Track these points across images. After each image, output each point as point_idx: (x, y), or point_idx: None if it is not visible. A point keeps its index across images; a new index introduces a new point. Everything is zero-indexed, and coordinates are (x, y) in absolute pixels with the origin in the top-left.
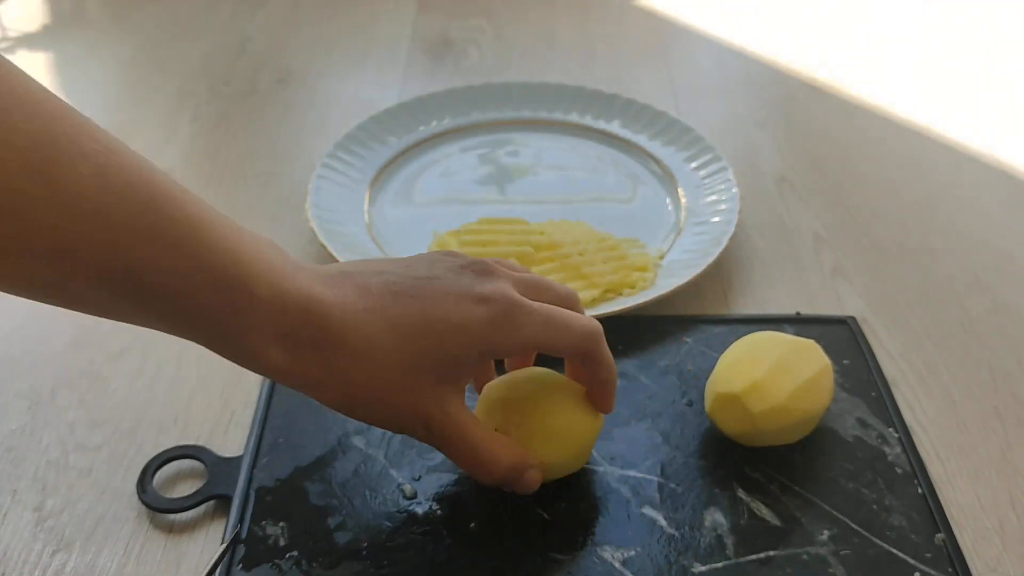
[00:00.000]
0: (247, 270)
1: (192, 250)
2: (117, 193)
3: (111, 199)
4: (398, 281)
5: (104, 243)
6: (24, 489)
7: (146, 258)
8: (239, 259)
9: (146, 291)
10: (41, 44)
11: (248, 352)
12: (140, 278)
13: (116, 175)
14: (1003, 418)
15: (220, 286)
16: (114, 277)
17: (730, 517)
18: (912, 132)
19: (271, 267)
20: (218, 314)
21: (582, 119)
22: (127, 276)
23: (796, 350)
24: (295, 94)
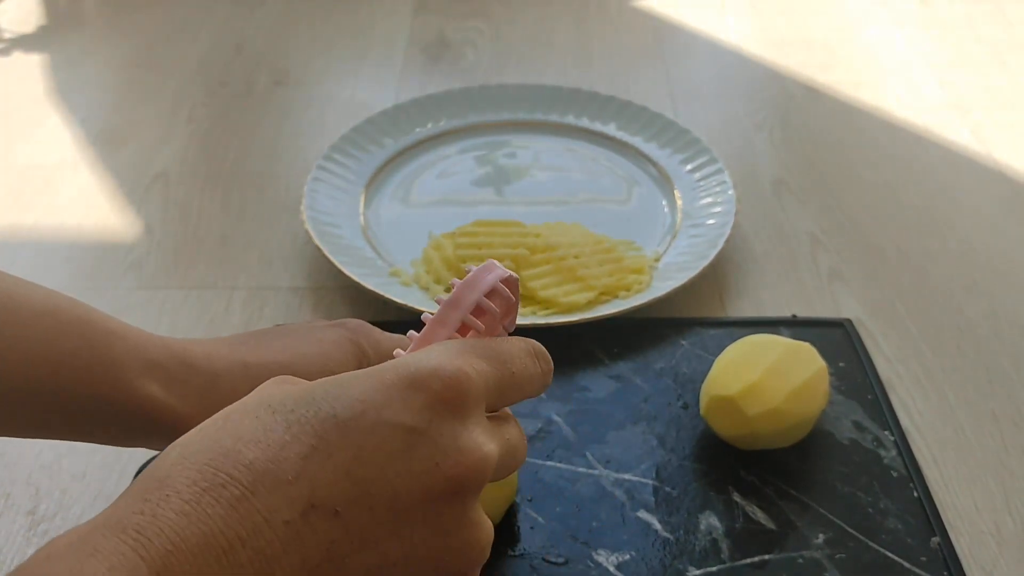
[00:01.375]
0: (94, 313)
1: (36, 310)
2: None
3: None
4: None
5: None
6: (17, 493)
7: None
8: (86, 310)
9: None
10: (37, 46)
11: (125, 392)
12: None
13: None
14: (999, 421)
15: (71, 330)
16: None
17: (725, 521)
18: (909, 135)
19: (118, 321)
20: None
21: (579, 121)
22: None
23: (792, 353)
24: (291, 95)
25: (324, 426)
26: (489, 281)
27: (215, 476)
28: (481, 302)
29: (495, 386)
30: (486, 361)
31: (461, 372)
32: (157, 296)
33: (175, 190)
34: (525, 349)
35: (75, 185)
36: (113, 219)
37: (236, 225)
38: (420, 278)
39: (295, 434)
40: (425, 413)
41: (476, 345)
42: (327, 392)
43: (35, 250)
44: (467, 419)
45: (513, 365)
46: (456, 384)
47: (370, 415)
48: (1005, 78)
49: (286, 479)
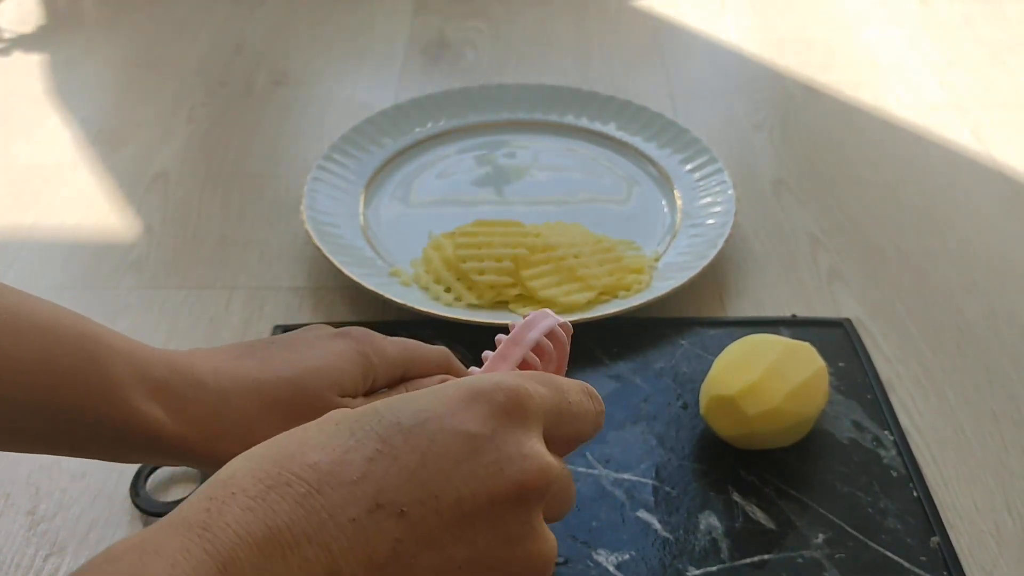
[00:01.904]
0: (97, 329)
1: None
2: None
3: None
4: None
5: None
6: (17, 493)
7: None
8: (89, 326)
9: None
10: (37, 45)
11: (127, 413)
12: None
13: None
14: (999, 421)
15: (72, 346)
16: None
17: (725, 520)
18: (909, 134)
19: (122, 337)
20: (80, 373)
21: (578, 121)
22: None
23: (791, 353)
24: (291, 95)
25: (388, 432)
26: (548, 324)
27: (280, 475)
28: (540, 341)
29: (553, 410)
30: (544, 386)
31: (521, 386)
32: (157, 296)
33: (175, 190)
34: (581, 387)
35: (75, 185)
36: (113, 219)
37: (236, 225)
38: (420, 278)
39: (360, 439)
40: (489, 421)
41: (534, 374)
42: (389, 405)
43: (35, 250)
44: (529, 430)
45: (570, 396)
46: (517, 396)
47: (434, 422)
48: (1005, 78)
49: (351, 479)
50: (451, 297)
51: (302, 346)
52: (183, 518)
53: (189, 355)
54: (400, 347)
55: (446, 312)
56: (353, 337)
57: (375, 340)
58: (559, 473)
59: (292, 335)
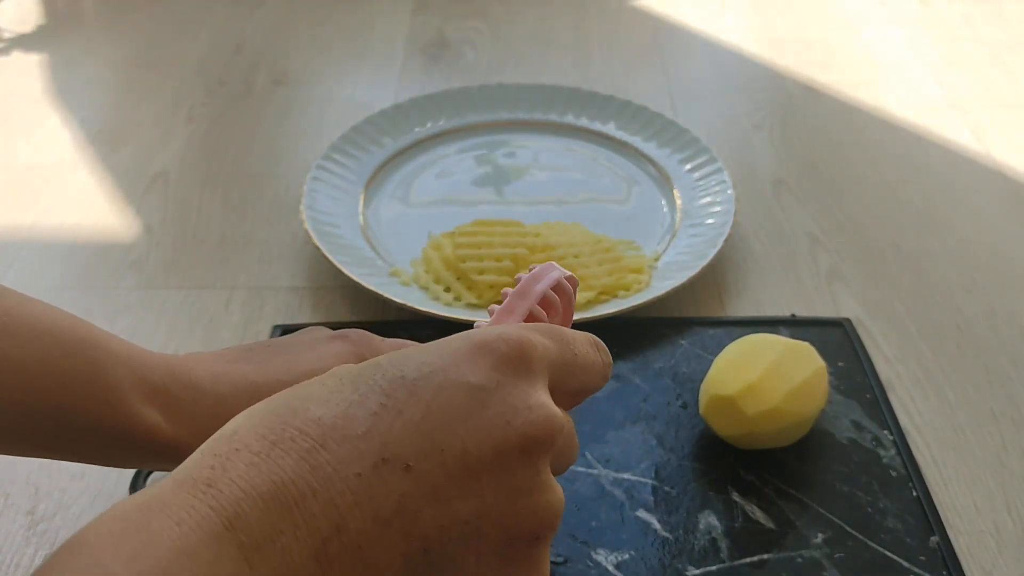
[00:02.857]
0: (96, 333)
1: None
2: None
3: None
4: None
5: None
6: (16, 493)
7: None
8: (89, 330)
9: None
10: (36, 45)
11: (125, 418)
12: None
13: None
14: (999, 421)
15: (71, 351)
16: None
17: (724, 520)
18: (908, 134)
19: (121, 341)
20: (78, 378)
21: (578, 120)
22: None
23: (791, 352)
24: (291, 95)
25: (392, 386)
26: (554, 276)
27: (284, 430)
28: (547, 294)
29: (558, 361)
30: (549, 338)
31: (525, 338)
32: (157, 296)
33: (174, 190)
34: (587, 338)
35: (74, 185)
36: (112, 219)
37: (236, 225)
38: (419, 278)
39: (363, 393)
40: (493, 373)
41: (539, 326)
42: (392, 359)
43: (34, 250)
44: (534, 382)
45: (576, 347)
46: (520, 347)
47: (438, 375)
48: (1004, 78)
49: (356, 433)
50: (451, 297)
51: (299, 349)
52: (188, 475)
53: (187, 360)
54: (398, 347)
55: (446, 312)
56: (350, 340)
57: (373, 342)
58: (564, 424)
59: (289, 338)
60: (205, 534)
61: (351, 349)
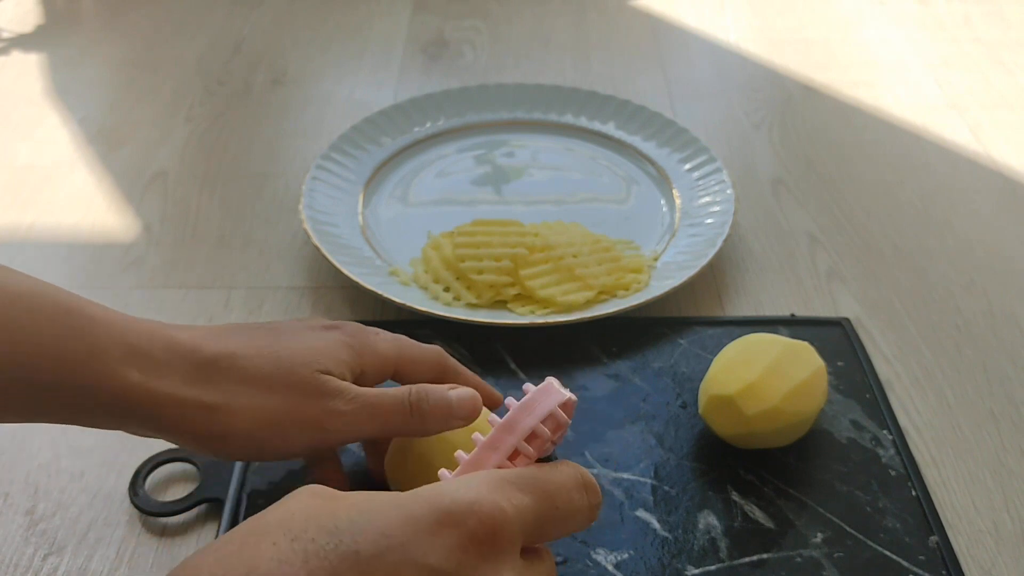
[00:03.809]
0: (75, 299)
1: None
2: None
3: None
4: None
5: None
6: (16, 492)
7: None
8: (67, 296)
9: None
10: (35, 45)
11: (107, 380)
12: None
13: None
14: (998, 420)
15: (50, 317)
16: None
17: (724, 520)
18: (907, 134)
19: (101, 306)
20: (58, 343)
21: (577, 120)
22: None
23: (790, 352)
24: (290, 95)
25: (343, 564)
26: (547, 407)
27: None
28: (536, 428)
29: (534, 522)
30: (530, 495)
31: (498, 509)
32: (156, 295)
33: (174, 189)
34: (574, 479)
35: (73, 185)
36: (112, 218)
37: (235, 224)
38: (419, 277)
39: (311, 570)
40: (455, 554)
41: (521, 477)
42: (352, 522)
43: (33, 250)
44: (500, 563)
45: (558, 499)
46: (491, 523)
47: (395, 553)
48: (1003, 77)
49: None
50: (450, 296)
51: (289, 333)
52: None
53: (171, 327)
54: (393, 345)
55: (445, 311)
56: (345, 331)
57: (367, 336)
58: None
59: (286, 323)
60: None
61: (344, 340)
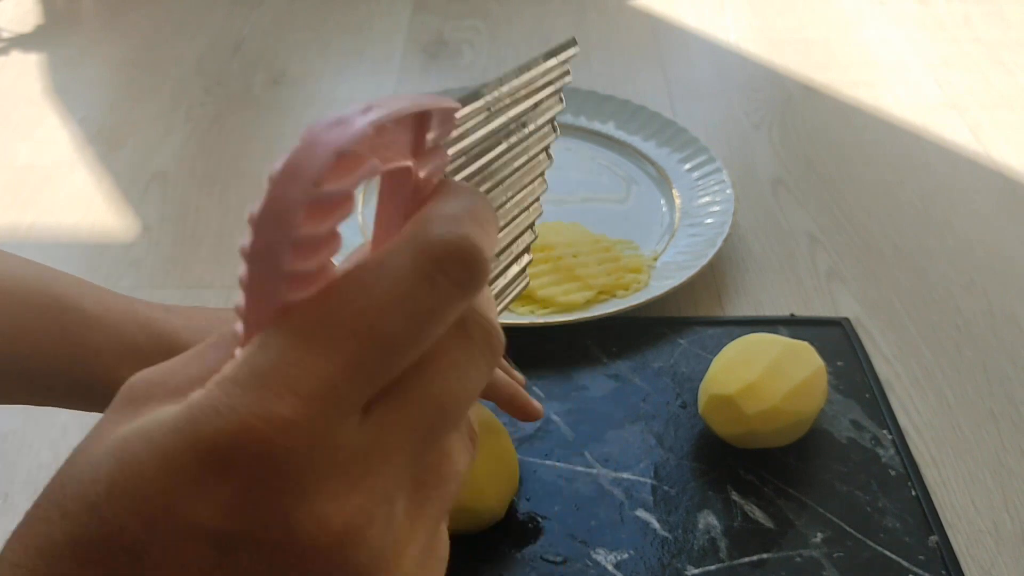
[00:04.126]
0: (70, 291)
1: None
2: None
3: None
4: None
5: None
6: (16, 493)
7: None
8: (63, 287)
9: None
10: (35, 45)
11: (102, 379)
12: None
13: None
14: (998, 420)
15: (44, 312)
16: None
17: (723, 520)
18: (907, 134)
19: (95, 297)
20: (53, 340)
21: (576, 120)
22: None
23: (790, 352)
24: (290, 94)
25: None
26: (329, 144)
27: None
28: (320, 196)
29: (349, 382)
30: (325, 350)
31: (275, 428)
32: (155, 295)
33: (173, 189)
34: (413, 266)
35: (73, 184)
36: (111, 218)
37: (234, 224)
38: None
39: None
40: (236, 506)
41: (303, 323)
42: (100, 496)
43: (33, 250)
44: (302, 490)
45: (377, 320)
46: (270, 448)
47: (160, 527)
48: (1003, 77)
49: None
50: None
51: None
52: None
53: (166, 313)
54: None
55: None
56: None
57: None
58: (358, 532)
59: None
60: None
61: None
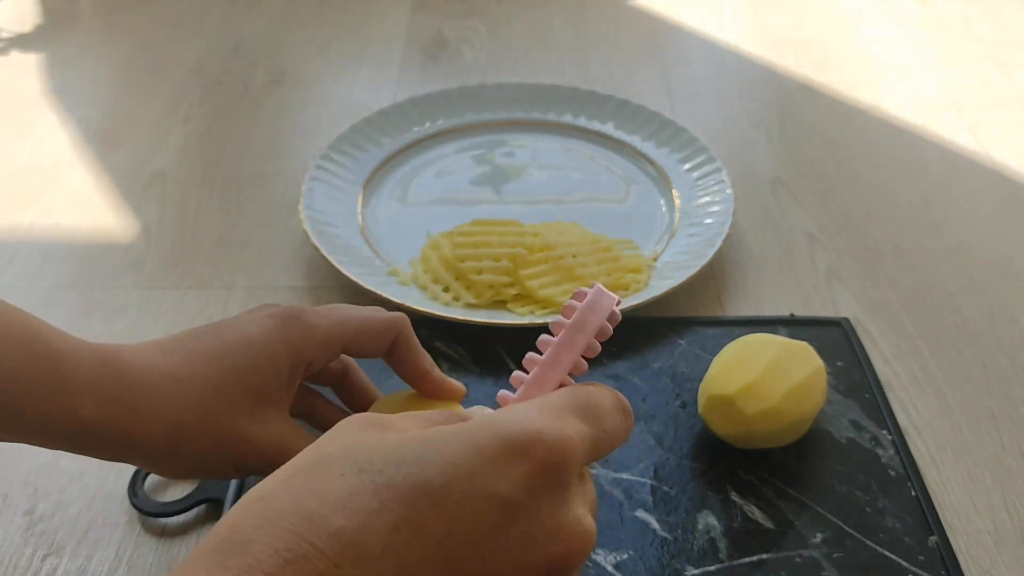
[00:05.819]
0: (36, 325)
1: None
2: None
3: None
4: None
5: None
6: (15, 493)
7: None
8: (27, 321)
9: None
10: (34, 45)
11: (69, 413)
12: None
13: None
14: (997, 420)
15: (17, 345)
16: None
17: (723, 520)
18: (907, 134)
19: (58, 332)
20: (26, 373)
21: (576, 120)
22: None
23: (789, 352)
24: (289, 95)
25: (414, 493)
26: (598, 321)
27: (298, 545)
28: (590, 343)
29: (592, 448)
30: (586, 422)
31: (566, 438)
32: (155, 296)
33: (172, 190)
34: (615, 404)
35: (72, 185)
36: (110, 219)
37: (234, 224)
38: (418, 277)
39: (383, 501)
40: (524, 484)
41: (576, 404)
42: (418, 454)
43: (32, 250)
44: (568, 491)
45: (606, 423)
46: (561, 452)
47: (464, 483)
48: (1003, 77)
49: (373, 553)
50: (449, 296)
51: (222, 333)
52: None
53: (120, 351)
54: (336, 323)
55: (444, 312)
56: (277, 317)
57: (302, 319)
58: (593, 536)
59: (231, 319)
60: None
61: (274, 326)
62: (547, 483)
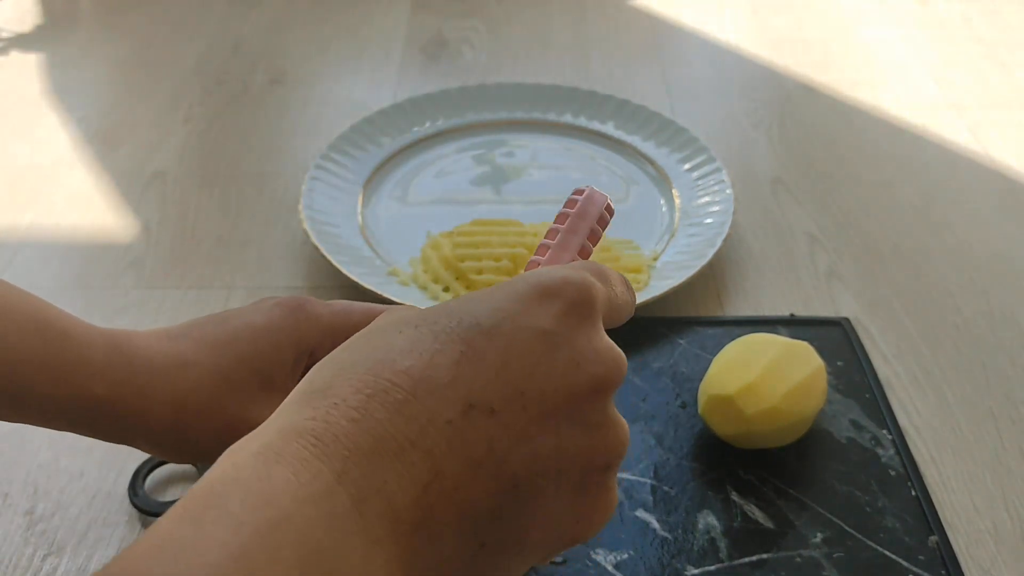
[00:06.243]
0: (47, 310)
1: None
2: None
3: None
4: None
5: None
6: (15, 492)
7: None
8: (38, 307)
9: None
10: (34, 45)
11: (81, 393)
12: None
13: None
14: (997, 420)
15: (29, 329)
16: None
17: (723, 520)
18: (907, 134)
19: (68, 316)
20: (37, 357)
21: (576, 120)
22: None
23: (789, 352)
24: (288, 94)
25: (470, 333)
26: (598, 207)
27: (376, 382)
28: (593, 228)
29: (607, 303)
30: (600, 280)
31: (588, 280)
32: (155, 296)
33: (172, 190)
34: (620, 278)
35: (72, 185)
36: (110, 219)
37: (234, 224)
38: (418, 277)
39: (444, 342)
40: (561, 318)
41: (588, 266)
42: (463, 306)
43: (32, 250)
44: (596, 323)
45: (616, 288)
46: (586, 291)
47: (511, 322)
48: (1002, 77)
49: (443, 383)
50: (449, 296)
51: (230, 324)
52: (292, 426)
53: (131, 334)
54: (339, 313)
55: None
56: (284, 306)
57: (308, 309)
58: (624, 361)
59: (238, 310)
60: (320, 486)
61: (281, 315)
62: (579, 316)
